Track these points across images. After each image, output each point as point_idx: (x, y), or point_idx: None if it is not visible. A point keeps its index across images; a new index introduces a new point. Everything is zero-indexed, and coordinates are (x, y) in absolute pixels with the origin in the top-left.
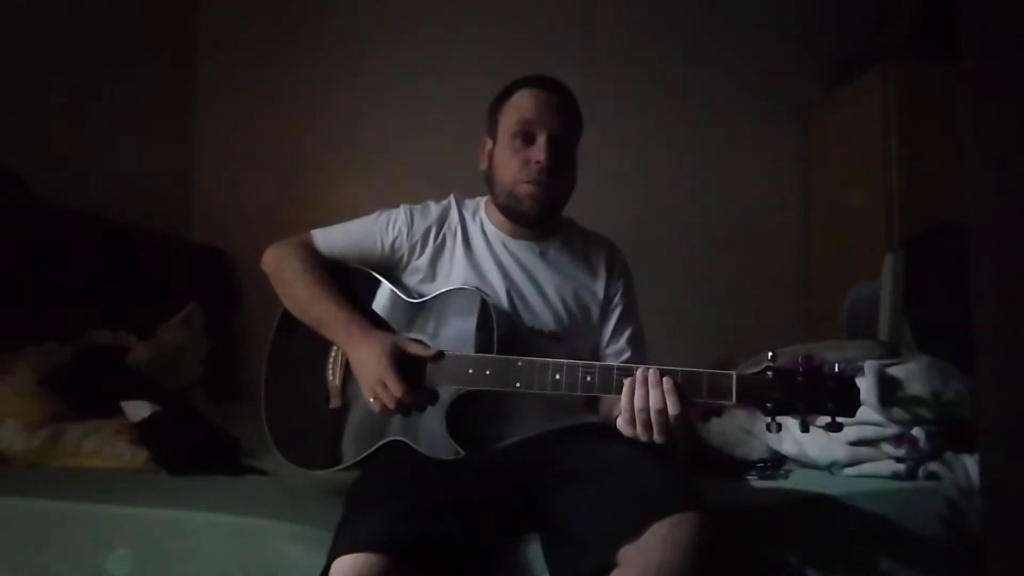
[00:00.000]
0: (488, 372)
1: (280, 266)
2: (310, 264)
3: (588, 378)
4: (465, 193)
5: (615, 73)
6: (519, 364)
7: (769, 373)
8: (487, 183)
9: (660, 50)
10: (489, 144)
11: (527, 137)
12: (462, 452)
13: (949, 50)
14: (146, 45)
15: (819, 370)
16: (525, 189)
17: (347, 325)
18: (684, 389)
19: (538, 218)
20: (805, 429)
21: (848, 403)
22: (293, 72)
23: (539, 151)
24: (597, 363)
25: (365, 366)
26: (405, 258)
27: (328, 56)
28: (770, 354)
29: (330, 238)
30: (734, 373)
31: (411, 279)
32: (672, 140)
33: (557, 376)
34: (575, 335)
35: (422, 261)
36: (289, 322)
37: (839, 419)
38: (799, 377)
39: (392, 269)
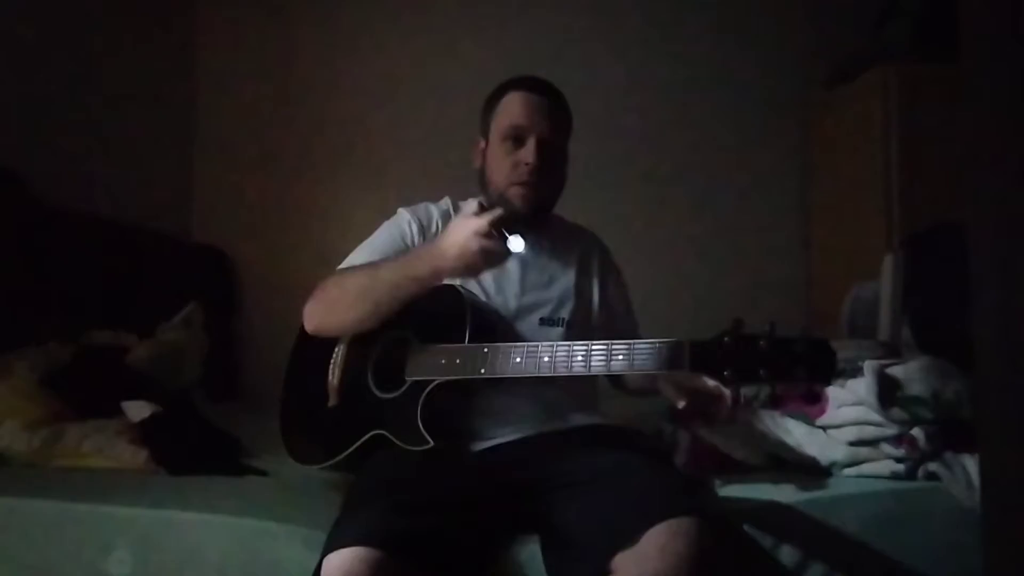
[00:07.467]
0: (458, 361)
1: (317, 306)
2: (344, 274)
3: (546, 358)
4: (461, 196)
5: (614, 73)
6: (484, 351)
7: (727, 339)
8: (480, 182)
9: (659, 50)
10: (482, 144)
11: (517, 140)
12: (431, 442)
13: (949, 50)
14: (146, 45)
15: (786, 335)
16: (516, 191)
17: (414, 257)
18: (639, 362)
19: (530, 217)
20: (773, 402)
21: (822, 367)
22: (293, 72)
23: (528, 153)
24: (555, 343)
25: (457, 240)
26: None
27: (328, 56)
28: (734, 322)
29: (355, 262)
30: (687, 341)
31: None
32: (672, 140)
33: (518, 359)
34: (580, 320)
35: None
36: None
37: (816, 387)
38: (761, 342)
39: None
